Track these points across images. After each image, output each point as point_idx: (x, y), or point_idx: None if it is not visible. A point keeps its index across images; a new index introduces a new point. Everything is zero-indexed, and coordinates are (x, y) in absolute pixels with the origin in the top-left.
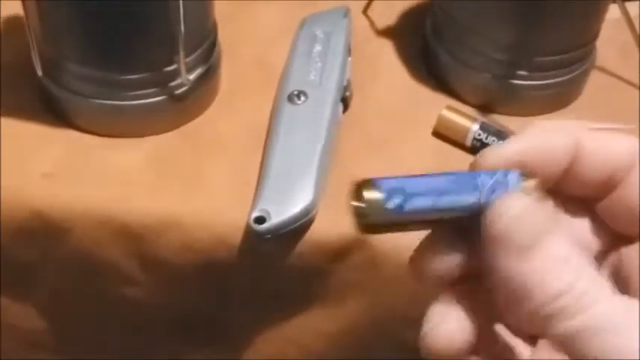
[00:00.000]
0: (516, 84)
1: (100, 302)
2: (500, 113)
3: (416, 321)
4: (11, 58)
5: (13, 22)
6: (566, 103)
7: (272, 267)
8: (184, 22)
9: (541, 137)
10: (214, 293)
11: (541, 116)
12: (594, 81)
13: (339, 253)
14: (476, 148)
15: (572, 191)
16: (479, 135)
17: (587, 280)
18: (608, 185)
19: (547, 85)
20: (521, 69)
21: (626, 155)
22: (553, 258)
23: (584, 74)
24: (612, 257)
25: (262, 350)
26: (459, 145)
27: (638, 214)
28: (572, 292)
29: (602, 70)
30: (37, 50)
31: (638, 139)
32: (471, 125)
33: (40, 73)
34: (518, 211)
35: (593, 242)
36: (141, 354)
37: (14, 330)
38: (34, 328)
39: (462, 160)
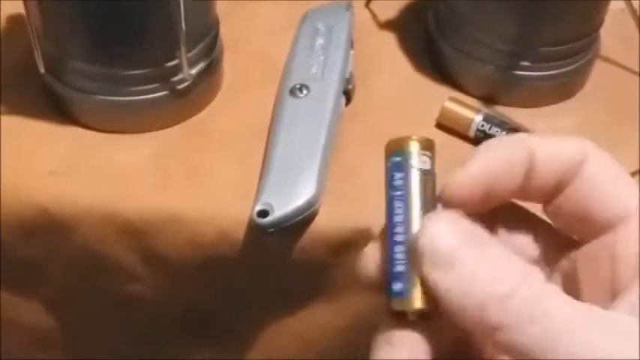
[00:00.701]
0: (520, 75)
1: (106, 299)
2: (504, 104)
3: None
4: (13, 55)
5: (14, 20)
6: (571, 94)
7: (275, 261)
8: (185, 17)
9: (498, 152)
10: (218, 289)
11: (545, 107)
12: (598, 71)
13: (343, 246)
14: (479, 139)
15: (529, 198)
16: (482, 126)
17: (530, 288)
18: (559, 187)
19: (551, 75)
20: (524, 60)
21: (575, 154)
22: (477, 268)
23: (589, 64)
24: (563, 264)
25: (267, 346)
26: (463, 136)
27: (586, 213)
28: (514, 299)
29: (606, 60)
30: (39, 47)
31: (586, 140)
32: (474, 116)
33: (42, 70)
34: (434, 230)
35: (537, 255)
36: (146, 352)
37: (20, 328)
38: (39, 326)
39: (465, 151)
